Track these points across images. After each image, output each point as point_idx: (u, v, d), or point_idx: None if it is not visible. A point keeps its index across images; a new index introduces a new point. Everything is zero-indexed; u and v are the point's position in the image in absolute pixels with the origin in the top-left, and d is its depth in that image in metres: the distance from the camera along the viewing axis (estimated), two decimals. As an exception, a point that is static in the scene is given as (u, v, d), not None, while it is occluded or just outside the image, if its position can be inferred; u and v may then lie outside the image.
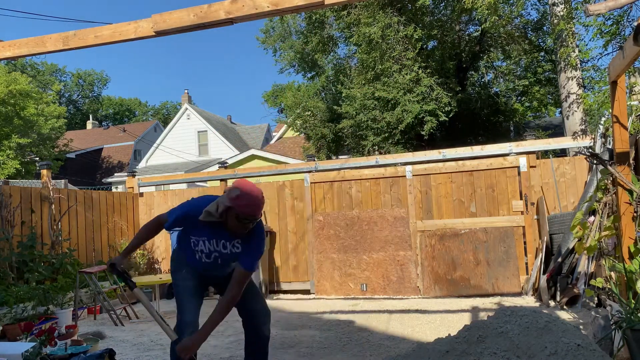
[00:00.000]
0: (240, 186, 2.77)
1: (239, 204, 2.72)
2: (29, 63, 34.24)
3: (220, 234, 2.90)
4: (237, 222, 2.76)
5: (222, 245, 2.93)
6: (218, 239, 2.91)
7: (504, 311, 2.75)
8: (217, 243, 2.92)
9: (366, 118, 13.20)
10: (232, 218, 2.76)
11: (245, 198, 2.73)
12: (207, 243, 2.93)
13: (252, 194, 2.76)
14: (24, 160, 20.86)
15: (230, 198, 2.74)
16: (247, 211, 2.73)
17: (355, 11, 13.33)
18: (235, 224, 2.78)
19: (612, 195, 5.09)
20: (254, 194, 2.77)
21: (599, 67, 13.10)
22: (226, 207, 2.75)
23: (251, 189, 2.78)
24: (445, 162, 7.38)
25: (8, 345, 3.84)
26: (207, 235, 2.91)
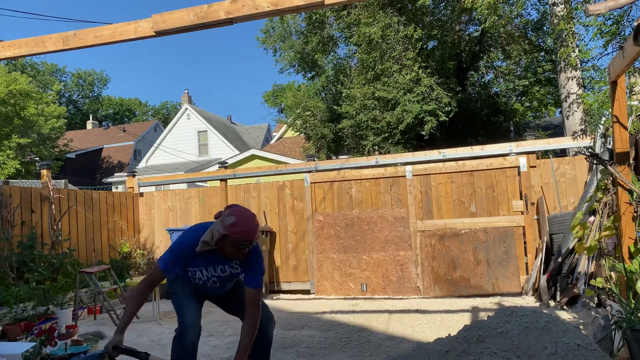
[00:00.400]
0: (234, 214, 2.78)
1: (234, 231, 2.72)
2: (29, 63, 34.24)
3: (216, 259, 2.92)
4: (234, 248, 2.78)
5: (221, 270, 2.96)
6: (215, 265, 2.95)
7: (504, 311, 2.75)
8: (215, 269, 2.96)
9: (366, 118, 13.21)
10: (228, 245, 2.78)
11: (240, 225, 2.74)
12: (205, 271, 2.96)
13: (247, 221, 2.77)
14: (24, 160, 20.86)
15: (225, 226, 2.74)
16: (242, 237, 2.74)
17: (355, 11, 13.33)
18: (231, 250, 2.80)
19: (612, 195, 5.09)
20: (249, 219, 2.78)
21: (599, 67, 13.12)
22: (222, 235, 2.76)
23: (245, 215, 2.79)
24: (445, 162, 7.38)
25: (8, 345, 3.84)
26: (204, 265, 2.94)
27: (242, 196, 8.33)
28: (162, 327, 5.70)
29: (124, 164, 29.73)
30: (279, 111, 35.51)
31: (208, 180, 12.62)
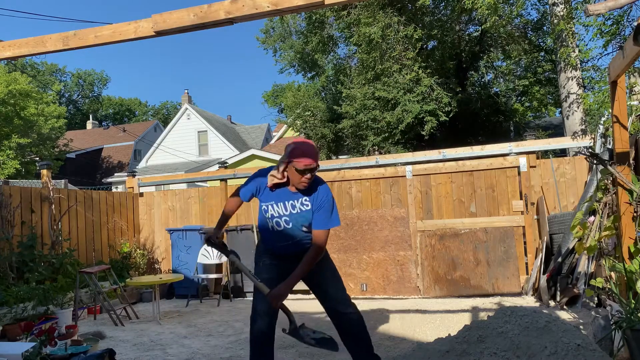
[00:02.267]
0: (294, 141, 3.03)
1: (295, 155, 2.92)
2: (29, 63, 34.25)
3: (286, 195, 3.08)
4: (298, 174, 2.94)
5: (291, 206, 3.08)
6: (286, 200, 3.08)
7: (504, 311, 2.75)
8: (285, 206, 3.08)
9: (366, 118, 13.20)
10: (293, 172, 2.96)
11: (299, 149, 2.94)
12: (276, 206, 3.09)
13: (305, 145, 2.99)
14: (24, 160, 20.86)
15: (287, 154, 2.97)
16: (303, 160, 2.91)
17: (355, 11, 13.33)
18: (297, 178, 2.96)
19: (612, 195, 5.09)
20: (307, 145, 3.00)
21: (599, 67, 13.11)
22: (285, 163, 2.97)
23: (304, 141, 3.03)
24: (445, 162, 7.38)
25: (8, 345, 3.84)
26: (275, 199, 3.09)
27: (242, 196, 8.32)
28: (162, 327, 5.70)
29: (124, 164, 29.72)
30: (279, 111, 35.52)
31: (208, 180, 12.61)
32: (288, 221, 3.09)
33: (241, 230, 7.63)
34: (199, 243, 7.73)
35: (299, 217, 3.08)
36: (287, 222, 3.10)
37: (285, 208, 3.08)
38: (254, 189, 3.16)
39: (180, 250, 7.84)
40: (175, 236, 7.91)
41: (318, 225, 3.03)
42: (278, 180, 3.02)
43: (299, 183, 2.98)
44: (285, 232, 3.12)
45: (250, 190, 3.18)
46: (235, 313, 6.34)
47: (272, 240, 3.19)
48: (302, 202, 3.07)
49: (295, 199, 3.07)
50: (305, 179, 2.96)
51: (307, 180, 2.97)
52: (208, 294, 7.79)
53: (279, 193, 3.08)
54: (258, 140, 30.27)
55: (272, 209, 3.10)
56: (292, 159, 2.93)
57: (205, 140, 26.26)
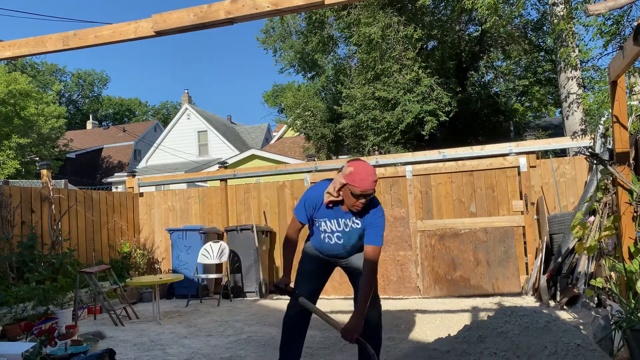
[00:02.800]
0: (353, 164, 2.99)
1: (353, 179, 2.91)
2: (29, 63, 34.24)
3: (339, 213, 3.14)
4: (353, 197, 2.96)
5: (344, 224, 3.16)
6: (339, 218, 3.15)
7: (504, 311, 2.75)
8: (338, 223, 3.16)
9: (366, 118, 13.20)
10: (348, 194, 2.97)
11: (358, 174, 2.92)
12: (329, 223, 3.17)
13: (364, 170, 2.95)
14: (24, 160, 20.85)
15: (345, 175, 2.96)
16: (360, 185, 2.91)
17: (355, 11, 13.33)
18: (351, 200, 2.98)
19: (612, 195, 5.09)
20: (366, 170, 2.96)
21: (599, 67, 13.11)
22: (342, 185, 2.98)
23: (364, 166, 2.98)
24: (445, 162, 7.38)
25: (8, 345, 3.84)
26: (328, 216, 3.16)
27: (242, 196, 8.32)
28: (162, 327, 5.70)
29: (124, 164, 29.72)
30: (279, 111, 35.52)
31: (208, 180, 12.61)
32: (340, 237, 3.21)
33: (241, 230, 7.63)
34: (199, 243, 7.73)
35: (350, 233, 3.19)
36: (339, 238, 3.21)
37: (339, 225, 3.18)
38: (310, 208, 3.20)
39: (180, 250, 7.84)
40: (175, 236, 7.90)
41: (370, 241, 3.08)
42: (334, 199, 3.08)
43: (353, 206, 3.02)
44: (337, 245, 3.24)
45: (307, 212, 3.22)
46: (235, 313, 6.34)
47: (323, 247, 3.30)
48: (354, 221, 3.15)
49: (348, 218, 3.15)
50: (359, 203, 3.00)
51: (360, 204, 3.00)
52: (208, 294, 7.79)
53: (333, 212, 3.16)
54: (258, 140, 30.28)
55: (326, 225, 3.20)
56: (350, 182, 2.94)
57: (205, 140, 26.27)
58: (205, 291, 7.76)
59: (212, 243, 7.64)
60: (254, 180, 10.93)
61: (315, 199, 3.17)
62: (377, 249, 3.08)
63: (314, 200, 3.18)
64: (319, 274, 3.36)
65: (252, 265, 7.57)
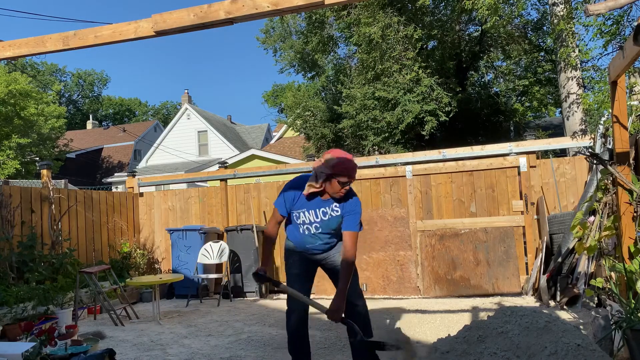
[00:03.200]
0: (335, 155, 3.21)
1: (340, 170, 3.13)
2: (29, 63, 34.23)
3: (318, 203, 3.30)
4: (339, 185, 3.17)
5: (322, 213, 3.31)
6: (317, 208, 3.30)
7: (504, 311, 2.75)
8: (317, 213, 3.31)
9: (366, 118, 13.20)
10: (334, 183, 3.17)
11: (342, 164, 3.16)
12: (307, 214, 3.32)
13: (347, 159, 3.19)
14: (24, 160, 20.85)
15: (329, 166, 3.15)
16: (346, 174, 3.14)
17: (355, 11, 13.33)
18: (336, 188, 3.18)
19: (612, 195, 5.09)
20: (348, 158, 3.20)
21: (599, 67, 13.10)
22: (327, 175, 3.17)
23: (345, 155, 3.22)
24: (445, 162, 7.38)
25: (8, 345, 3.84)
26: (307, 207, 3.30)
27: (242, 196, 8.33)
28: (162, 327, 5.70)
29: (124, 164, 29.72)
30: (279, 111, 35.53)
31: (208, 180, 12.61)
32: (318, 227, 3.33)
33: (241, 230, 7.63)
34: (199, 243, 7.73)
35: (329, 222, 3.32)
36: (317, 228, 3.34)
37: (317, 215, 3.31)
38: (290, 199, 3.33)
39: (180, 250, 7.84)
40: (175, 236, 7.91)
41: (349, 227, 3.25)
42: (315, 189, 3.23)
43: (337, 193, 3.21)
44: (315, 236, 3.36)
45: (287, 203, 3.34)
46: (235, 313, 6.34)
47: (302, 242, 3.41)
48: (333, 208, 3.30)
49: (327, 206, 3.30)
50: (343, 190, 3.20)
51: (345, 191, 3.22)
52: (208, 294, 7.79)
53: (311, 202, 3.30)
54: (258, 140, 30.28)
55: (304, 216, 3.33)
56: (337, 172, 3.14)
57: (205, 140, 26.27)
58: (205, 291, 7.76)
59: (212, 243, 7.64)
60: (254, 180, 10.93)
61: (294, 191, 3.32)
62: (355, 235, 3.25)
63: (292, 192, 3.33)
64: (306, 275, 3.49)
65: (252, 265, 7.57)
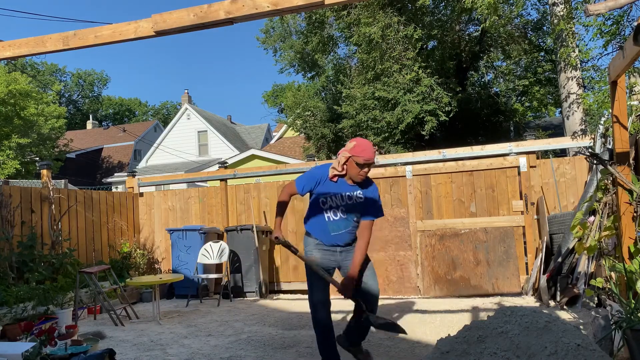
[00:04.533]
0: (355, 140, 3.42)
1: (357, 152, 3.33)
2: (29, 63, 34.23)
3: (345, 187, 3.46)
4: (358, 167, 3.35)
5: (348, 197, 3.46)
6: (343, 192, 3.46)
7: (504, 311, 2.75)
8: (342, 197, 3.46)
9: (366, 118, 13.20)
10: (353, 165, 3.36)
11: (360, 146, 3.35)
12: (334, 197, 3.46)
13: (365, 143, 3.39)
14: (24, 160, 20.84)
15: (349, 149, 3.36)
16: (364, 155, 3.33)
17: (355, 11, 13.33)
18: (355, 171, 3.37)
19: (612, 195, 5.09)
20: (367, 142, 3.41)
21: (599, 67, 13.10)
22: (347, 158, 3.36)
23: (364, 140, 3.43)
24: (445, 162, 7.38)
25: (8, 345, 3.84)
26: (334, 189, 3.46)
27: (242, 196, 8.32)
28: (162, 326, 5.70)
29: (124, 164, 29.72)
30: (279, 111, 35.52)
31: (208, 180, 12.61)
32: (344, 211, 3.47)
33: (241, 230, 7.63)
34: (199, 243, 7.73)
35: (354, 207, 3.47)
36: (343, 212, 3.47)
37: (343, 199, 3.45)
38: (313, 183, 3.48)
39: (180, 250, 7.84)
40: (175, 236, 7.90)
41: (368, 216, 3.49)
42: (338, 173, 3.40)
43: (357, 175, 3.39)
44: (340, 221, 3.49)
45: (309, 185, 3.50)
46: (235, 313, 6.34)
47: (325, 231, 3.52)
48: (357, 195, 3.47)
49: (352, 191, 3.46)
50: (363, 172, 3.38)
51: (364, 173, 3.39)
52: (208, 294, 7.79)
53: (336, 186, 3.45)
54: (258, 140, 30.28)
55: (331, 200, 3.46)
56: (354, 153, 3.32)
57: (205, 140, 26.27)
58: (205, 291, 7.76)
59: (212, 243, 7.64)
60: (254, 180, 10.93)
61: (320, 174, 3.48)
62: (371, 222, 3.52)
63: (318, 174, 3.48)
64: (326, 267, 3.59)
65: (252, 265, 7.57)
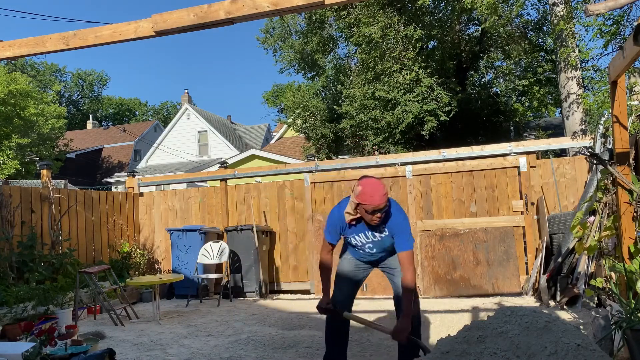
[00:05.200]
0: (362, 183, 3.16)
1: (363, 199, 3.10)
2: (29, 63, 34.23)
3: (365, 227, 3.31)
4: (368, 214, 3.14)
5: (372, 235, 3.33)
6: (366, 231, 3.32)
7: (503, 311, 2.75)
8: (367, 235, 3.33)
9: (366, 118, 13.20)
10: (363, 212, 3.16)
11: (367, 193, 3.09)
12: (359, 236, 3.36)
13: (372, 188, 3.11)
14: (24, 160, 20.84)
15: (356, 195, 3.14)
16: (371, 202, 3.08)
17: (355, 11, 13.33)
18: (367, 217, 3.17)
19: (612, 195, 5.09)
20: (374, 187, 3.11)
21: (599, 67, 13.09)
22: (355, 204, 3.18)
23: (371, 183, 3.14)
24: (445, 162, 7.38)
25: (8, 345, 3.84)
26: (357, 231, 3.34)
27: (242, 196, 8.32)
28: (162, 327, 5.70)
29: (124, 164, 29.72)
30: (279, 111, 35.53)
31: (208, 180, 12.61)
32: (372, 247, 3.39)
33: (241, 230, 7.63)
34: (199, 243, 7.73)
35: (381, 242, 3.35)
36: (372, 248, 3.40)
37: (367, 237, 3.34)
38: (338, 229, 3.39)
39: (180, 250, 7.84)
40: (175, 236, 7.90)
41: (402, 247, 3.24)
42: (353, 217, 3.25)
43: (371, 221, 3.19)
44: (371, 253, 3.45)
45: (336, 233, 3.41)
46: (235, 313, 6.34)
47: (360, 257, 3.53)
48: (381, 230, 3.30)
49: (375, 230, 3.30)
50: (375, 218, 3.16)
51: (377, 218, 3.16)
52: (208, 294, 7.79)
53: (360, 226, 3.32)
54: (258, 140, 30.27)
55: (356, 240, 3.38)
56: (361, 201, 3.10)
57: (205, 140, 26.26)
58: (205, 291, 7.76)
59: (212, 243, 7.64)
60: (254, 180, 10.93)
61: (338, 221, 3.35)
62: (411, 253, 3.23)
63: (338, 222, 3.36)
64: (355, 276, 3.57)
65: (252, 265, 7.57)
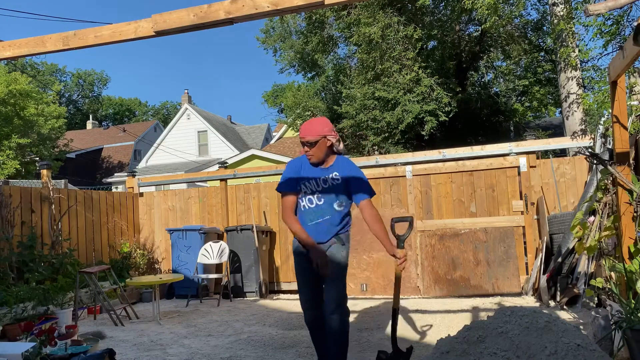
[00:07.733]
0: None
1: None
2: (29, 63, 34.20)
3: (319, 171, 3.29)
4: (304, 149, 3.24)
5: (323, 181, 3.29)
6: (317, 177, 3.29)
7: (504, 311, 2.75)
8: (317, 182, 3.29)
9: (366, 118, 13.21)
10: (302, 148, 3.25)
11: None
12: (309, 183, 3.29)
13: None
14: (24, 160, 20.85)
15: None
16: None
17: (355, 11, 13.33)
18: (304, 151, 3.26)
19: (612, 195, 5.09)
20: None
21: (599, 67, 13.12)
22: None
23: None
24: (445, 162, 7.38)
25: (8, 345, 3.84)
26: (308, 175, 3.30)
27: (242, 196, 8.33)
28: (162, 327, 5.70)
29: (124, 164, 29.73)
30: (279, 111, 35.54)
31: (208, 180, 12.61)
32: (320, 197, 3.29)
33: (241, 230, 7.63)
34: (199, 243, 7.73)
35: (330, 189, 3.28)
36: (319, 199, 3.29)
37: (317, 184, 3.29)
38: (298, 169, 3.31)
39: (180, 250, 7.84)
40: (175, 236, 7.90)
41: (362, 196, 3.24)
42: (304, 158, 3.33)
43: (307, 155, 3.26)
44: (317, 209, 3.29)
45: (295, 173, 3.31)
46: (235, 313, 6.34)
47: (303, 221, 3.31)
48: (333, 177, 3.28)
49: (327, 174, 3.28)
50: (303, 151, 3.25)
51: (306, 152, 3.24)
52: (208, 294, 7.79)
53: (314, 169, 3.31)
54: (258, 140, 30.27)
55: (305, 186, 3.30)
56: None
57: (205, 140, 26.26)
58: (205, 291, 7.76)
59: (212, 243, 7.64)
60: (254, 180, 10.93)
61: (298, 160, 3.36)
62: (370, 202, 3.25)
63: (297, 161, 3.36)
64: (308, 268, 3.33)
65: (252, 265, 7.57)
